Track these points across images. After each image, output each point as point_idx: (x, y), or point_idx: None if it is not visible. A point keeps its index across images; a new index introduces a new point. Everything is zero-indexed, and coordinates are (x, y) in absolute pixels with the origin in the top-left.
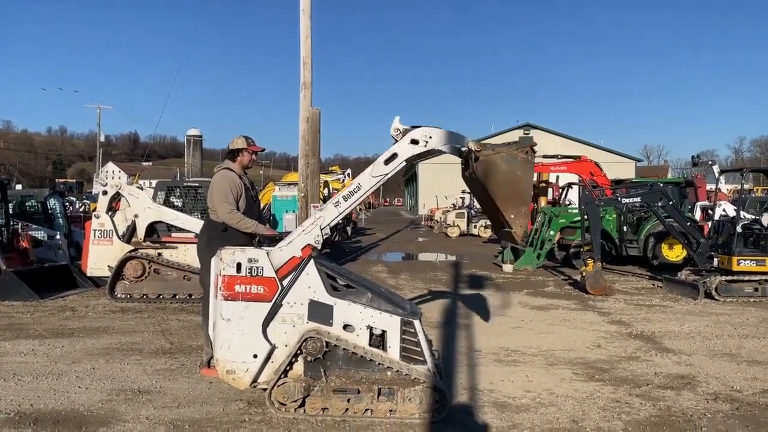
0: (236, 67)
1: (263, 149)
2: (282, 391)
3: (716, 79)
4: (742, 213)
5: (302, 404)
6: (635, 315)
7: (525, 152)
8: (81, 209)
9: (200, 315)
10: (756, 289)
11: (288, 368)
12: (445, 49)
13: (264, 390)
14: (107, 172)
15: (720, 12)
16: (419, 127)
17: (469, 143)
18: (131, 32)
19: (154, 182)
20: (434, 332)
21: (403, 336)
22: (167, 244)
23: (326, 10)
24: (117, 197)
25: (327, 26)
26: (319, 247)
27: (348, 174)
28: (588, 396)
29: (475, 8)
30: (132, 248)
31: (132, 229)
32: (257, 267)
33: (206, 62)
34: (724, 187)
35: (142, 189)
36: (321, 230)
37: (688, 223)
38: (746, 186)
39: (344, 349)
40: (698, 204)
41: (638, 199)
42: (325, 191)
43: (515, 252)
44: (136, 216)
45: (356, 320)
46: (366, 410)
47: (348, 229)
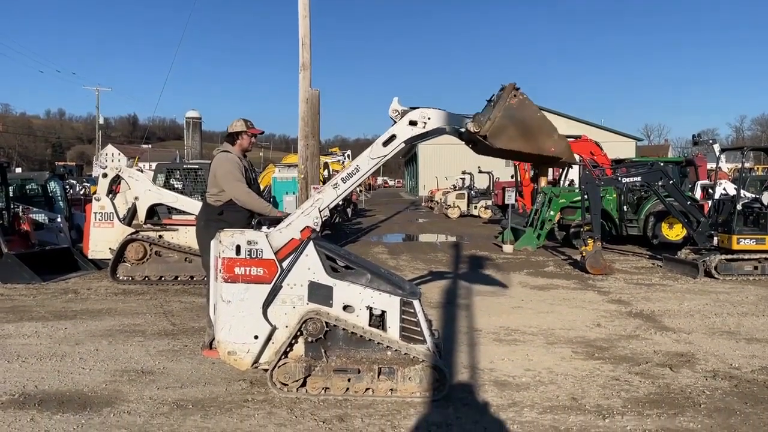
0: (235, 49)
1: (262, 132)
2: (283, 372)
3: (717, 58)
4: (743, 192)
5: (303, 384)
6: (635, 294)
7: (514, 97)
8: (81, 192)
9: (203, 297)
10: (755, 268)
11: (289, 349)
12: (445, 29)
13: (265, 371)
14: (107, 155)
15: None
16: (418, 108)
17: (468, 125)
18: (128, 12)
19: (154, 165)
20: (435, 312)
21: (403, 316)
22: (168, 227)
23: None
24: (117, 180)
25: (326, 7)
26: (318, 229)
27: (348, 155)
28: (587, 374)
29: None
30: (133, 231)
31: (133, 212)
32: (256, 249)
33: (205, 43)
34: (725, 166)
35: (142, 171)
36: (320, 212)
37: (689, 202)
38: (747, 165)
39: (344, 330)
40: (698, 183)
41: (638, 179)
42: (325, 173)
43: (515, 232)
44: (137, 198)
45: (356, 301)
46: (366, 389)
47: (348, 211)
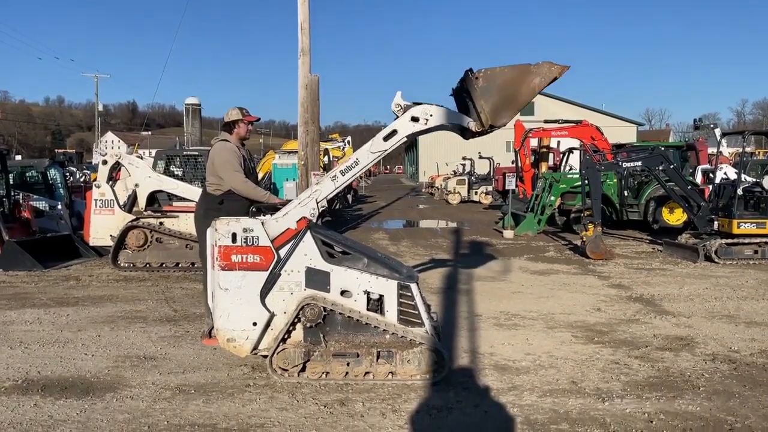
0: (235, 34)
1: (258, 119)
2: (283, 357)
3: (719, 42)
4: (743, 176)
5: (303, 369)
6: (635, 278)
7: (476, 79)
8: (81, 179)
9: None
10: (756, 252)
11: (287, 335)
12: (445, 14)
13: (266, 357)
14: (106, 142)
15: None
16: (420, 105)
17: (471, 127)
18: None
19: (154, 152)
20: (435, 297)
21: (401, 300)
22: (168, 214)
23: None
24: (117, 167)
25: None
26: (315, 220)
27: (348, 141)
28: (587, 358)
29: None
30: (133, 218)
31: (133, 199)
32: (252, 236)
33: (204, 29)
34: (726, 151)
35: (142, 158)
36: (317, 203)
37: (689, 187)
38: (748, 149)
39: (342, 314)
40: (699, 167)
41: (639, 163)
42: (325, 159)
43: (516, 218)
44: (137, 185)
45: (353, 286)
46: (366, 373)
47: (349, 197)
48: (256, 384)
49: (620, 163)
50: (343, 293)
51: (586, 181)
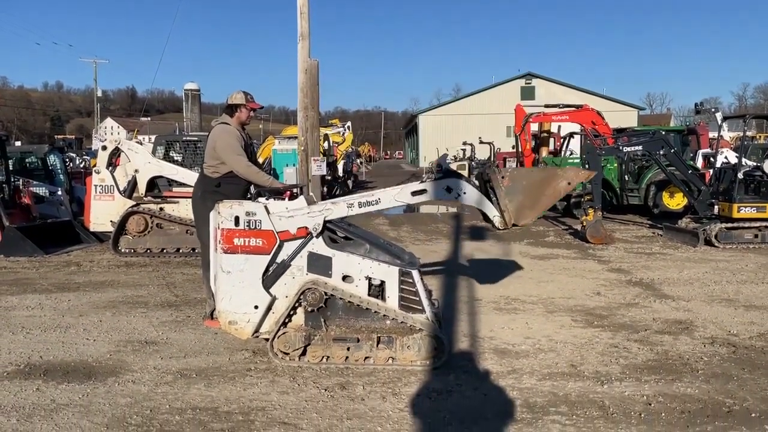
0: (234, 19)
1: (262, 107)
2: (284, 341)
3: (720, 26)
4: (744, 160)
5: (304, 353)
6: (635, 263)
7: (503, 178)
8: (81, 165)
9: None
10: (756, 236)
11: (288, 319)
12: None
13: (267, 340)
14: (106, 128)
15: None
16: (459, 179)
17: (495, 219)
18: None
19: (153, 137)
20: (435, 282)
21: (402, 286)
22: (169, 199)
23: None
24: (117, 153)
25: None
26: (315, 234)
27: (348, 127)
28: (587, 342)
29: None
30: (134, 203)
31: (133, 184)
32: (255, 220)
33: (203, 14)
34: (727, 135)
35: (142, 144)
36: (324, 221)
37: (690, 171)
38: (749, 133)
39: (343, 299)
40: (700, 152)
41: (640, 148)
42: (325, 144)
43: None
44: (137, 171)
45: (355, 271)
46: (366, 358)
47: (349, 183)
48: (257, 368)
49: (621, 148)
50: (345, 278)
51: (587, 166)
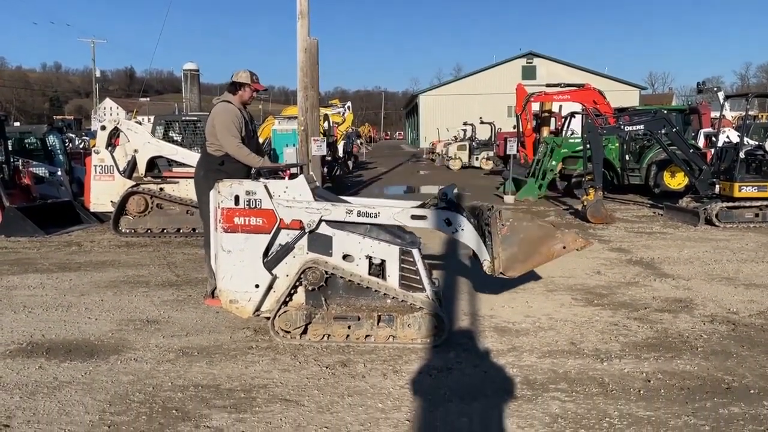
0: None
1: (266, 89)
2: (284, 320)
3: (723, 4)
4: (746, 139)
5: (305, 331)
6: (635, 242)
7: (503, 226)
8: (80, 146)
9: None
10: (756, 215)
11: (289, 298)
12: None
13: (267, 319)
14: (104, 109)
15: None
16: (460, 216)
17: (485, 264)
18: None
19: (152, 118)
20: (435, 262)
21: (402, 265)
22: (168, 179)
23: None
24: (116, 133)
25: None
26: (307, 230)
27: (348, 107)
28: (586, 320)
29: None
30: (133, 183)
31: (132, 165)
32: (255, 199)
33: None
34: (729, 114)
35: (141, 124)
36: (319, 220)
37: (691, 151)
38: (751, 112)
39: (343, 278)
40: (702, 131)
41: (641, 127)
42: (325, 125)
43: (517, 183)
44: (136, 151)
45: (355, 250)
46: (366, 336)
47: (349, 164)
48: (259, 346)
49: (622, 127)
50: (345, 257)
51: (588, 146)
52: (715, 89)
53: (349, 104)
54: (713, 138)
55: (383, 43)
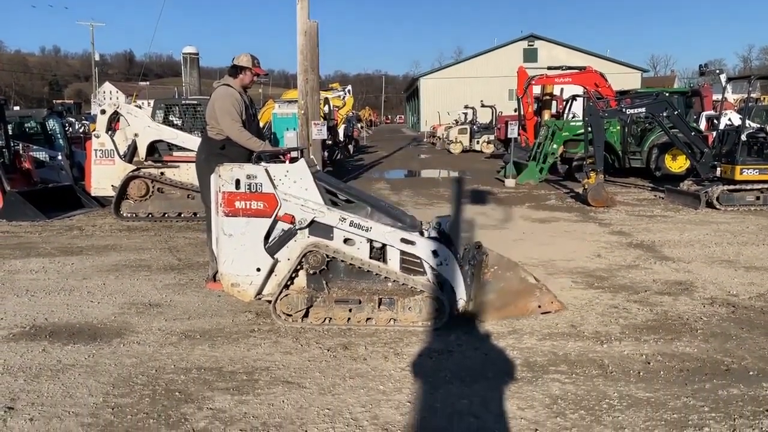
0: None
1: (267, 74)
2: (286, 303)
3: None
4: (748, 122)
5: (306, 315)
6: (636, 225)
7: (487, 272)
8: (80, 130)
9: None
10: (758, 198)
11: (290, 281)
12: None
13: (269, 302)
14: (104, 93)
15: None
16: (448, 248)
17: (460, 302)
18: None
19: (152, 102)
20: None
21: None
22: (169, 164)
23: None
24: (116, 117)
25: None
26: (297, 227)
27: (348, 90)
28: (587, 303)
29: None
30: (134, 168)
31: (133, 149)
32: (256, 183)
33: None
34: (731, 97)
35: (141, 108)
36: (311, 221)
37: (693, 133)
38: (753, 94)
39: (344, 262)
40: (703, 114)
41: (643, 110)
42: (326, 108)
43: (518, 167)
44: (136, 135)
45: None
46: (368, 319)
47: (350, 147)
48: (261, 329)
49: (624, 110)
50: (346, 241)
51: (589, 129)
52: (718, 72)
53: (350, 88)
54: (715, 121)
55: (383, 27)
